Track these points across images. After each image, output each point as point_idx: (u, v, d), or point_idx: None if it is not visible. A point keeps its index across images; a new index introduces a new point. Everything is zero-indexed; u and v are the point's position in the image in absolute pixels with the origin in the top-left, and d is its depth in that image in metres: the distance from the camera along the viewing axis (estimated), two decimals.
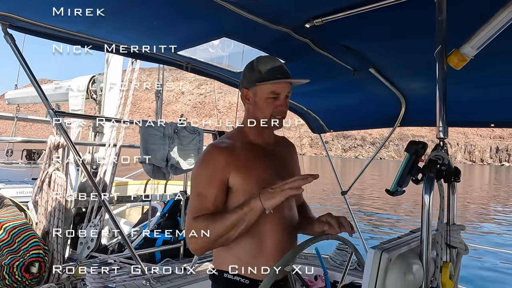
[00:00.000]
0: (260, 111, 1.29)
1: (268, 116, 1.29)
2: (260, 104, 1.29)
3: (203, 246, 1.19)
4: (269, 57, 1.38)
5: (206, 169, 1.24)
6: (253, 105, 1.31)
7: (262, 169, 1.28)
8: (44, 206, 2.53)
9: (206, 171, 1.24)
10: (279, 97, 1.28)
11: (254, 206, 1.13)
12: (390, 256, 0.91)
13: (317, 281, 2.64)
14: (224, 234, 1.16)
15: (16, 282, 2.23)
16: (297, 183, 1.12)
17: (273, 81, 1.25)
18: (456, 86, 1.57)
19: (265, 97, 1.27)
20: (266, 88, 1.27)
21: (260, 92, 1.28)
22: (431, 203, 0.95)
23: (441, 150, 1.06)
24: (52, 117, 1.96)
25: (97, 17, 1.57)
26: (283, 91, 1.28)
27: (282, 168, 1.36)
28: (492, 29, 1.04)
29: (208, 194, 1.21)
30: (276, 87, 1.27)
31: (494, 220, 14.32)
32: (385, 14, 1.40)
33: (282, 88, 1.27)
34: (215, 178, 1.21)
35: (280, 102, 1.28)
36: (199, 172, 1.27)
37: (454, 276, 1.08)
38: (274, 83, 1.26)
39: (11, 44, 1.76)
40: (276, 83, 1.26)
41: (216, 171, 1.22)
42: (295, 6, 1.47)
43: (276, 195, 1.12)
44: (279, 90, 1.27)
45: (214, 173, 1.22)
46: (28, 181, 6.05)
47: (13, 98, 7.28)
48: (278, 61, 1.33)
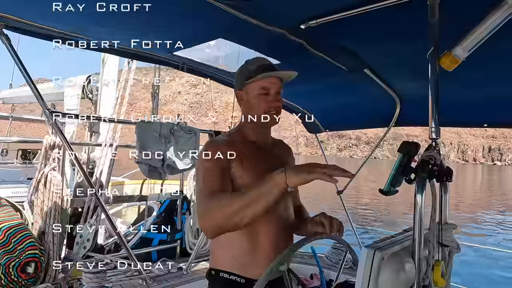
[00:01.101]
0: (254, 109, 1.32)
1: (262, 113, 1.30)
2: (253, 102, 1.32)
3: (214, 224, 1.10)
4: (257, 57, 1.43)
5: (210, 158, 1.23)
6: (247, 104, 1.34)
7: (261, 166, 1.28)
8: (40, 206, 2.53)
9: (211, 160, 1.22)
10: (269, 93, 1.30)
11: (277, 180, 1.03)
12: (383, 254, 0.92)
13: (313, 280, 2.66)
14: (240, 210, 1.06)
15: (12, 282, 2.22)
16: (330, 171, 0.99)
17: (260, 75, 1.28)
18: (449, 86, 1.59)
19: (256, 94, 1.31)
20: (255, 85, 1.30)
21: (251, 90, 1.32)
22: (423, 203, 0.97)
23: (434, 150, 1.07)
24: (48, 117, 1.96)
25: (94, 18, 1.58)
26: (273, 86, 1.31)
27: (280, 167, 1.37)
28: (484, 31, 1.06)
29: (215, 173, 1.20)
30: (265, 83, 1.30)
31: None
32: (380, 15, 1.41)
33: (271, 84, 1.30)
34: (220, 164, 1.21)
35: (271, 97, 1.31)
36: (203, 161, 1.24)
37: (446, 274, 1.10)
38: (262, 78, 1.29)
39: (6, 45, 1.76)
40: (265, 78, 1.29)
41: (220, 159, 1.22)
42: (290, 7, 1.48)
43: (304, 173, 1.01)
44: (268, 85, 1.30)
45: (218, 160, 1.21)
46: (23, 181, 6.02)
47: (8, 97, 7.24)
48: (265, 60, 1.37)
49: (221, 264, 1.28)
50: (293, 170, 1.04)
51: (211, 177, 1.20)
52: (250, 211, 1.05)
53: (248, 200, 1.06)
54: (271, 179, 1.05)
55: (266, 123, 1.33)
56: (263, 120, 1.31)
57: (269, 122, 1.32)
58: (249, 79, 1.31)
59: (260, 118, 1.31)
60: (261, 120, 1.31)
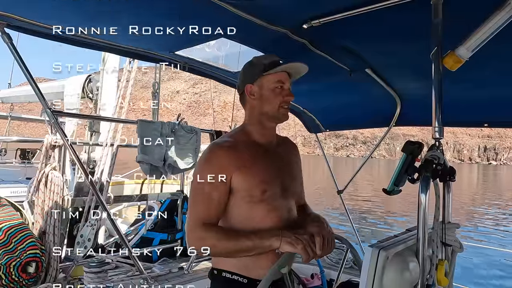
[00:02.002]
0: (268, 102, 1.30)
1: (277, 107, 1.29)
2: (268, 95, 1.30)
3: (205, 250, 1.20)
4: (267, 54, 1.43)
5: (209, 169, 1.22)
6: (260, 98, 1.31)
7: (265, 170, 1.28)
8: (40, 205, 2.52)
9: (209, 172, 1.22)
10: (284, 88, 1.30)
11: (273, 244, 1.15)
12: (388, 254, 0.93)
13: (314, 280, 2.66)
14: (233, 253, 1.19)
15: (13, 282, 2.21)
16: (313, 254, 1.14)
17: (282, 66, 1.29)
18: (450, 86, 1.59)
19: (272, 87, 1.29)
20: (272, 78, 1.30)
21: (266, 83, 1.30)
22: (427, 202, 0.97)
23: (437, 150, 1.08)
24: (49, 117, 1.96)
25: (95, 17, 1.57)
26: (287, 81, 1.32)
27: (285, 169, 1.36)
28: (487, 31, 1.07)
29: (213, 195, 1.21)
30: (281, 77, 1.30)
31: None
32: (383, 15, 1.41)
33: (286, 79, 1.32)
34: (218, 178, 1.21)
35: (286, 92, 1.31)
36: (202, 172, 1.24)
37: (449, 273, 1.11)
38: (279, 72, 1.30)
39: (8, 43, 1.75)
40: (280, 73, 1.30)
41: (219, 171, 1.21)
42: (293, 7, 1.48)
43: (297, 246, 1.13)
44: (284, 79, 1.31)
45: (217, 173, 1.21)
46: (22, 181, 6.02)
47: (7, 97, 7.22)
48: (276, 56, 1.37)
49: (223, 264, 1.28)
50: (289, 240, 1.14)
51: (208, 203, 1.21)
52: (241, 255, 1.19)
53: (241, 247, 1.17)
54: (268, 240, 1.15)
55: (279, 119, 1.32)
56: (275, 115, 1.30)
57: (281, 117, 1.31)
58: (265, 71, 1.29)
59: (273, 112, 1.30)
60: (274, 115, 1.30)
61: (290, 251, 1.15)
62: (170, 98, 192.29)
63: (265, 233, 1.18)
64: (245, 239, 1.16)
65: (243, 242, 1.16)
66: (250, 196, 1.23)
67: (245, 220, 1.24)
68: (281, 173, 1.32)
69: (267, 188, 1.24)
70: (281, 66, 1.29)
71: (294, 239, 1.15)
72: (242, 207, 1.24)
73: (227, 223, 1.26)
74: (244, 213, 1.24)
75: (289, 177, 1.37)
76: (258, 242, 1.16)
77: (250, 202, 1.24)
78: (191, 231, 1.22)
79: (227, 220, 1.26)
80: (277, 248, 1.16)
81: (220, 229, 1.22)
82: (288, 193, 1.33)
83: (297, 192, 1.42)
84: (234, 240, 1.17)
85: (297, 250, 1.14)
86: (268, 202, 1.25)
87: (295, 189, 1.40)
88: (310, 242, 1.15)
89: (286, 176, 1.34)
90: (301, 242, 1.14)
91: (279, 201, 1.29)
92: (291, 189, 1.36)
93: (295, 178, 1.42)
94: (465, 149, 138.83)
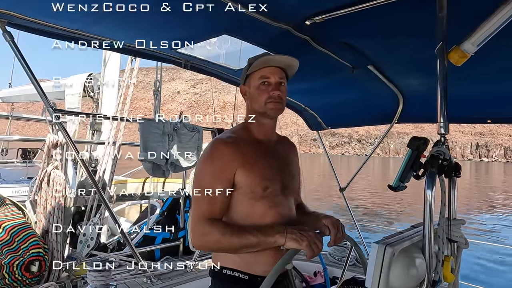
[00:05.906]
0: (256, 100, 1.30)
1: (263, 103, 1.28)
2: (254, 93, 1.31)
3: (209, 247, 1.23)
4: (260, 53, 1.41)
5: (212, 165, 1.22)
6: (250, 97, 1.33)
7: (266, 167, 1.28)
8: (43, 205, 2.52)
9: (213, 167, 1.22)
10: (270, 83, 1.28)
11: (278, 241, 1.15)
12: (394, 250, 0.92)
13: (317, 277, 2.66)
14: (237, 249, 1.18)
15: (16, 281, 2.22)
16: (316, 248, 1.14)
17: (257, 61, 1.28)
18: (453, 82, 1.58)
19: (257, 85, 1.29)
20: (255, 76, 1.30)
21: (252, 81, 1.31)
22: (433, 198, 0.96)
23: (442, 145, 1.07)
24: (52, 115, 1.95)
25: (96, 15, 1.57)
26: (273, 75, 1.29)
27: (284, 167, 1.36)
28: (493, 26, 1.06)
29: (216, 191, 1.20)
30: (264, 72, 1.29)
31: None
32: (385, 11, 1.41)
33: (271, 73, 1.29)
34: (222, 174, 1.21)
35: (272, 86, 1.28)
36: (205, 168, 1.24)
37: (455, 269, 1.10)
38: (262, 67, 1.29)
39: (9, 42, 1.74)
40: (264, 67, 1.29)
41: (223, 167, 1.21)
42: (296, 3, 1.47)
43: (302, 243, 1.13)
44: (267, 74, 1.28)
45: (221, 169, 1.21)
46: (24, 180, 6.01)
47: (7, 96, 7.22)
48: (267, 53, 1.36)
49: (224, 261, 1.28)
50: (294, 236, 1.14)
51: (213, 199, 1.20)
52: (245, 251, 1.19)
53: (245, 243, 1.16)
54: (272, 237, 1.15)
55: (268, 114, 1.30)
56: (264, 113, 1.29)
57: (269, 112, 1.29)
58: (249, 70, 1.31)
59: (261, 109, 1.29)
60: (263, 111, 1.29)
61: (295, 248, 1.14)
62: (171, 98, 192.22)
63: (269, 229, 1.17)
64: (249, 235, 1.16)
65: (247, 238, 1.16)
66: (252, 193, 1.23)
67: (247, 216, 1.24)
68: (281, 171, 1.32)
69: (268, 185, 1.24)
70: (259, 60, 1.27)
71: (299, 236, 1.14)
72: (244, 203, 1.24)
73: (228, 219, 1.26)
74: (245, 209, 1.24)
75: (288, 175, 1.37)
76: (262, 238, 1.15)
77: (252, 198, 1.23)
78: (195, 226, 1.21)
79: (228, 216, 1.26)
80: (282, 245, 1.15)
81: (224, 224, 1.21)
82: (288, 191, 1.34)
83: (296, 190, 1.44)
84: (238, 235, 1.16)
85: (302, 247, 1.14)
86: (269, 198, 1.25)
87: (294, 187, 1.41)
88: (315, 238, 1.15)
89: (286, 174, 1.35)
90: (306, 239, 1.14)
91: (280, 198, 1.29)
92: (291, 187, 1.37)
93: (294, 176, 1.43)
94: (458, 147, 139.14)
